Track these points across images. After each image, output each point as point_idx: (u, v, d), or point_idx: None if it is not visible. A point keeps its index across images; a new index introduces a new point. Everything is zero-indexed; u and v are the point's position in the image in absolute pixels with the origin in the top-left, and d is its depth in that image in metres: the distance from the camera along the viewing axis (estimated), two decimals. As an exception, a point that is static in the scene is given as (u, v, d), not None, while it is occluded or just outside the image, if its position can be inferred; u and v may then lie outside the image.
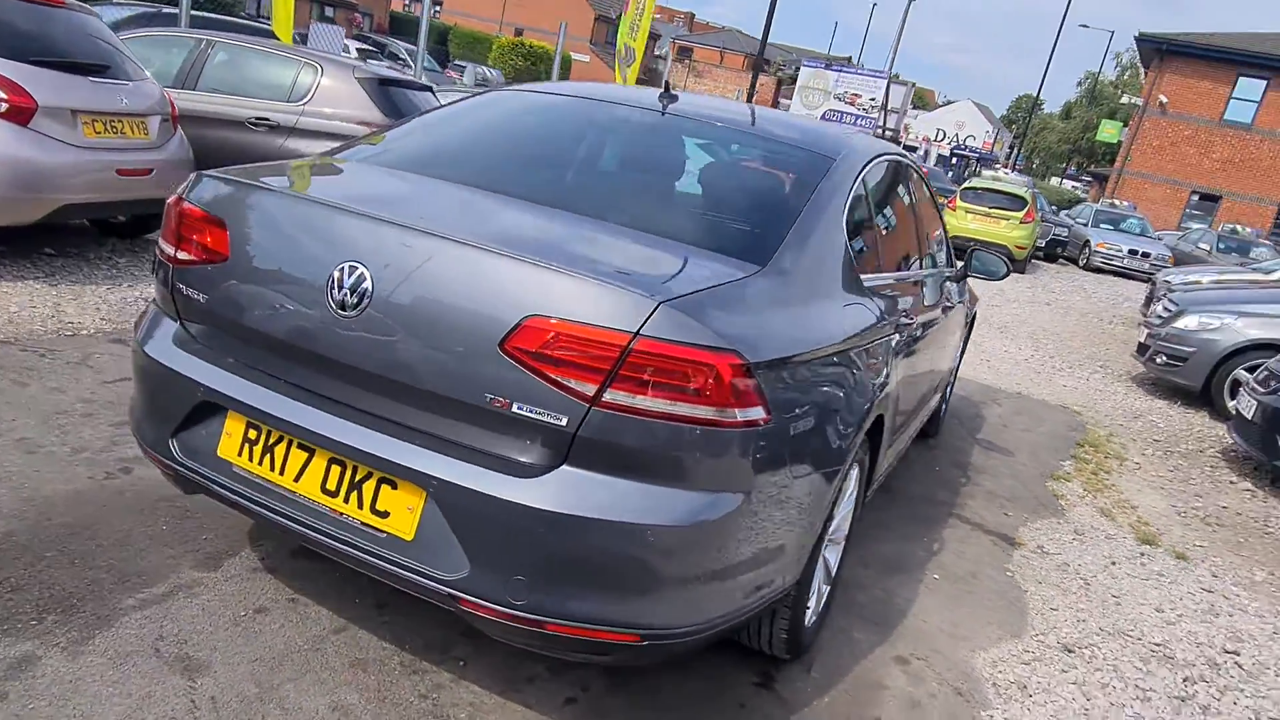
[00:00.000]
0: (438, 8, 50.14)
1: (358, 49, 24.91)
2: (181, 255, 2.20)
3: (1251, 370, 7.32)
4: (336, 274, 1.94)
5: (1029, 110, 53.23)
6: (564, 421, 1.80)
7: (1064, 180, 54.77)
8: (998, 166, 36.87)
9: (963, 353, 5.59)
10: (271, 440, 2.05)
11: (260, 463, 2.06)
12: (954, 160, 49.25)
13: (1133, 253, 19.51)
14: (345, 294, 1.93)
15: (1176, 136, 30.17)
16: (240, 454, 2.09)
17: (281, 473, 2.04)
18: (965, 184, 18.25)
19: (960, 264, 4.49)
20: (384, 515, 1.94)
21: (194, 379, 2.12)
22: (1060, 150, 58.59)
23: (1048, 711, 2.74)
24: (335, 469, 1.99)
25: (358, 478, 1.96)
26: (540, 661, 2.45)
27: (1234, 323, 7.46)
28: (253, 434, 2.08)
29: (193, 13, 9.79)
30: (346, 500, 1.97)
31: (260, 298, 2.06)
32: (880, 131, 18.57)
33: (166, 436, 2.19)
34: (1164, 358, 7.82)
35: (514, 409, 1.82)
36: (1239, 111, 29.50)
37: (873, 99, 18.65)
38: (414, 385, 1.91)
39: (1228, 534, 4.81)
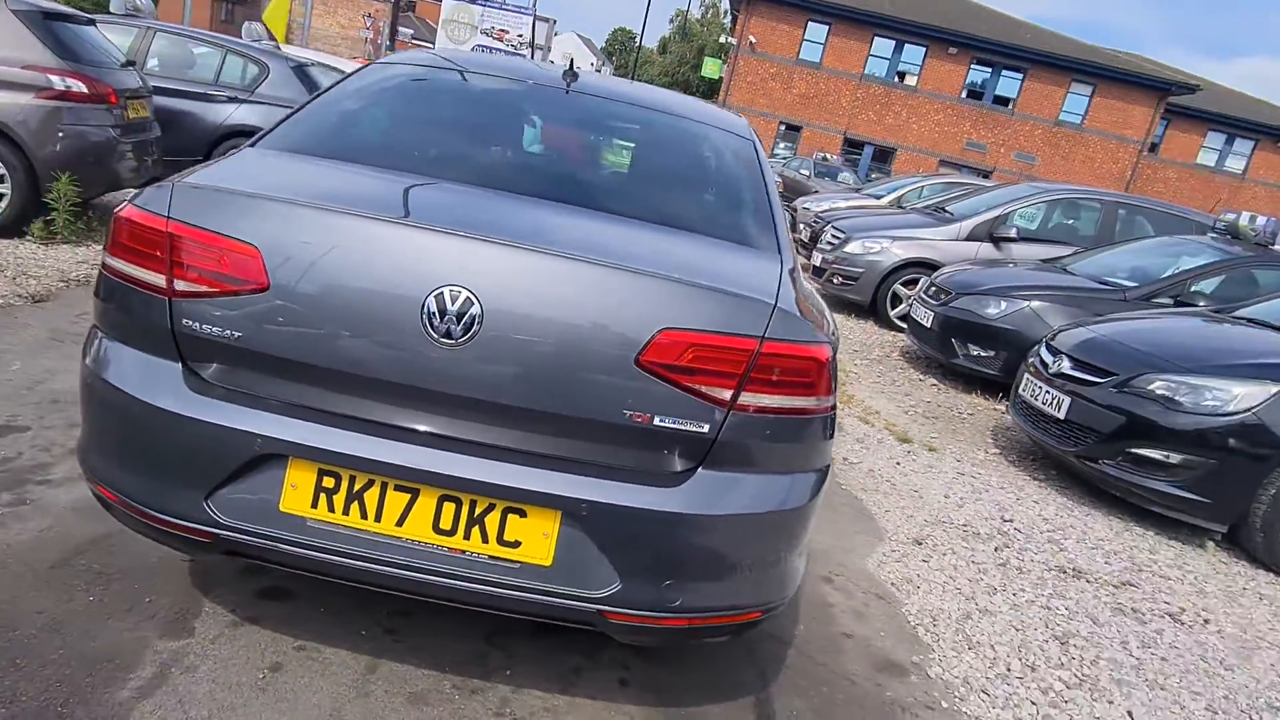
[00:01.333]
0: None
1: None
2: (184, 286, 1.86)
3: (906, 285, 8.88)
4: (433, 301, 1.80)
5: (626, 43, 56.44)
6: (705, 429, 1.89)
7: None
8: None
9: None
10: (358, 486, 1.86)
11: (346, 512, 1.86)
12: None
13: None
14: (450, 322, 1.80)
15: (765, 73, 34.06)
16: (315, 506, 1.86)
17: (378, 519, 1.86)
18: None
19: None
20: (514, 545, 1.88)
21: (244, 430, 1.83)
22: (662, 83, 63.20)
23: (937, 597, 3.36)
24: (449, 506, 1.87)
25: (478, 512, 1.87)
26: (573, 651, 2.50)
27: (890, 246, 8.94)
28: (329, 482, 1.86)
29: None
30: (467, 536, 1.87)
31: (325, 331, 1.83)
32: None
33: (200, 500, 1.87)
34: (839, 278, 9.16)
35: (655, 422, 1.87)
36: (810, 52, 33.96)
37: (520, 35, 18.75)
38: (541, 410, 1.86)
39: (944, 424, 5.96)
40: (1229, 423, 4.30)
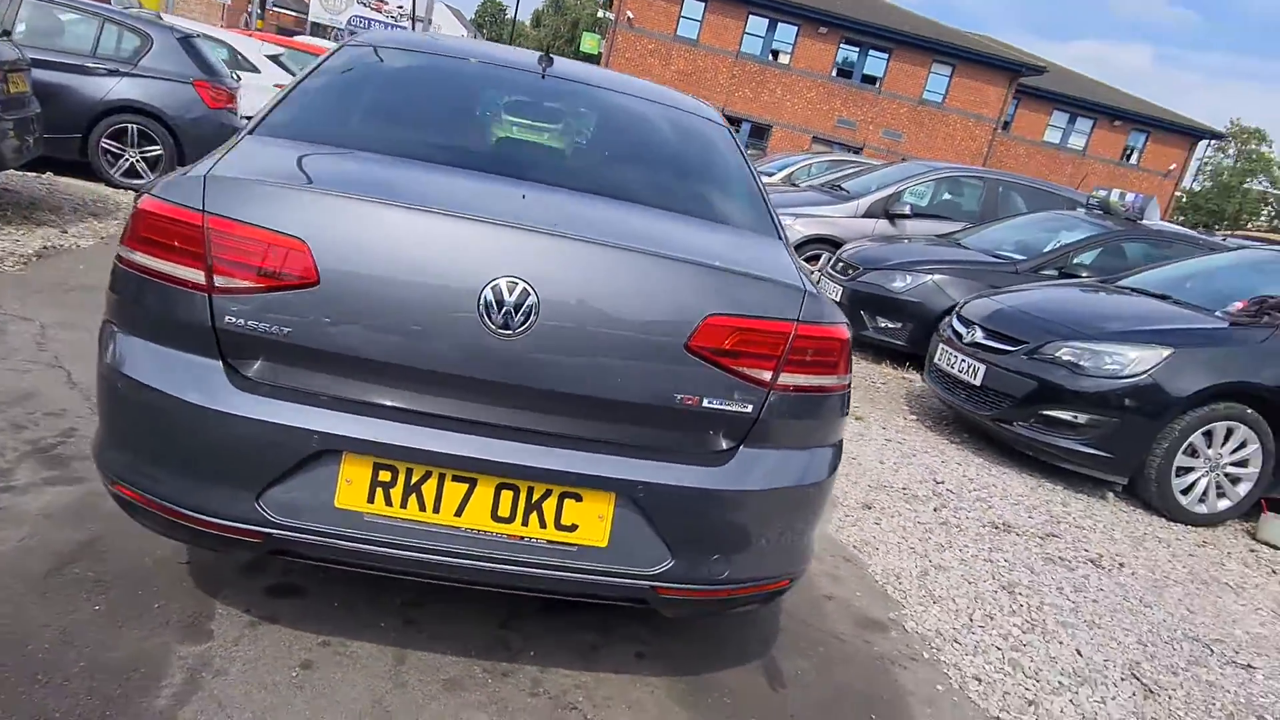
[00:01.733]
0: None
1: None
2: (225, 282, 1.81)
3: (810, 260, 9.21)
4: (490, 292, 1.83)
5: (497, 15, 55.39)
6: (749, 408, 1.99)
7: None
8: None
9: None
10: (416, 478, 1.87)
11: (404, 505, 1.87)
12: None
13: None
14: (508, 312, 1.83)
15: (644, 50, 34.19)
16: (371, 500, 1.86)
17: (437, 510, 1.88)
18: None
19: None
20: (571, 529, 1.93)
21: (299, 427, 1.80)
22: (535, 56, 62.14)
23: (895, 556, 3.59)
24: (506, 494, 1.90)
25: (535, 498, 1.91)
26: (586, 629, 2.57)
27: (794, 223, 9.24)
28: (385, 475, 1.86)
29: None
30: (525, 523, 1.91)
31: (378, 325, 1.82)
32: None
33: (251, 500, 1.83)
34: (744, 255, 9.39)
35: (703, 404, 1.95)
36: (688, 29, 34.29)
37: (400, 6, 18.11)
38: (595, 396, 1.91)
39: (862, 394, 6.26)
40: (1127, 384, 4.73)
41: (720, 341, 1.94)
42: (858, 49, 34.96)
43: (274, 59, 10.16)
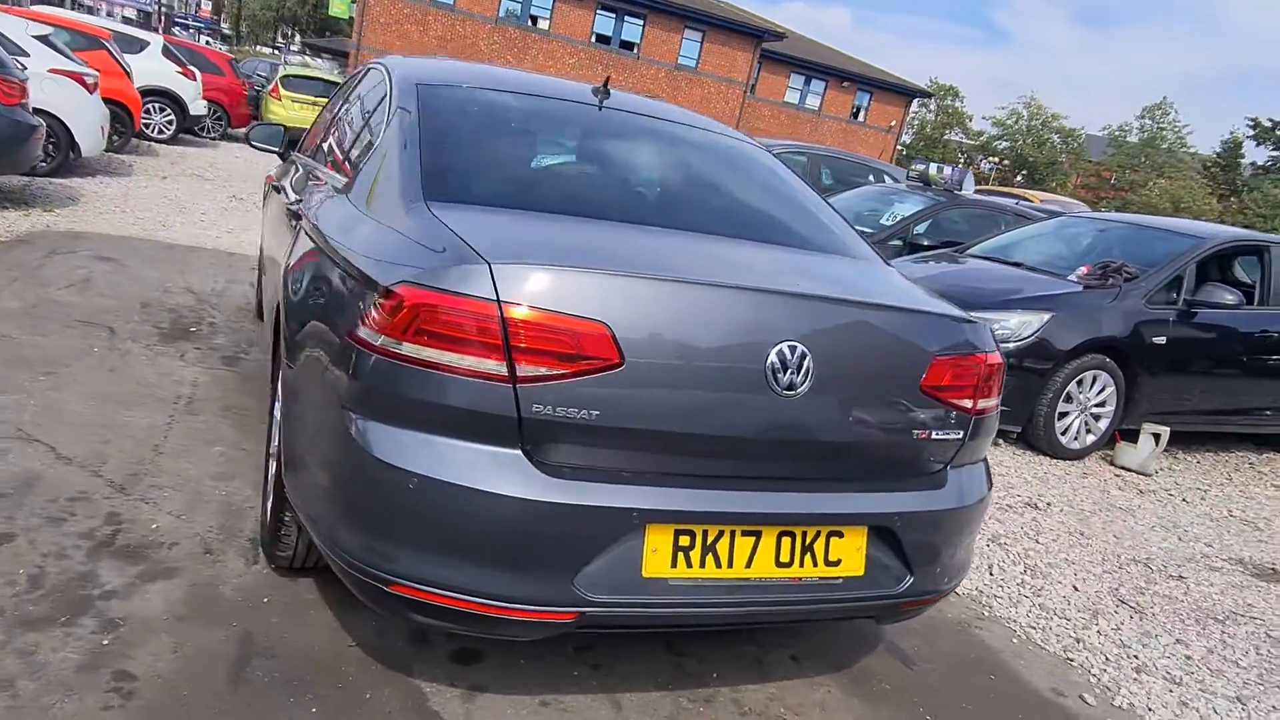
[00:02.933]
0: None
1: None
2: (530, 371, 1.79)
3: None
4: (775, 357, 1.94)
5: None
6: (960, 434, 2.24)
7: (281, 50, 54.44)
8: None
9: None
10: (711, 539, 1.95)
11: (703, 565, 1.95)
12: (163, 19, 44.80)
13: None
14: (791, 374, 1.95)
15: (399, 14, 32.74)
16: (674, 565, 1.93)
17: (730, 565, 1.98)
18: (284, 72, 17.53)
19: None
20: (836, 564, 2.10)
21: (615, 506, 1.83)
22: (268, 18, 57.72)
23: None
24: (786, 541, 2.03)
25: (809, 540, 2.06)
26: (743, 641, 2.72)
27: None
28: (684, 540, 1.93)
29: None
30: (801, 564, 2.05)
31: (678, 398, 1.88)
32: None
33: (567, 582, 1.84)
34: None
35: (932, 436, 2.18)
36: (442, -9, 33.27)
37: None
38: (854, 442, 2.08)
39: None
40: (1019, 346, 5.46)
41: (943, 379, 2.17)
42: (614, 15, 35.55)
43: (43, 39, 8.81)
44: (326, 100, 15.46)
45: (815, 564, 2.08)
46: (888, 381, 2.11)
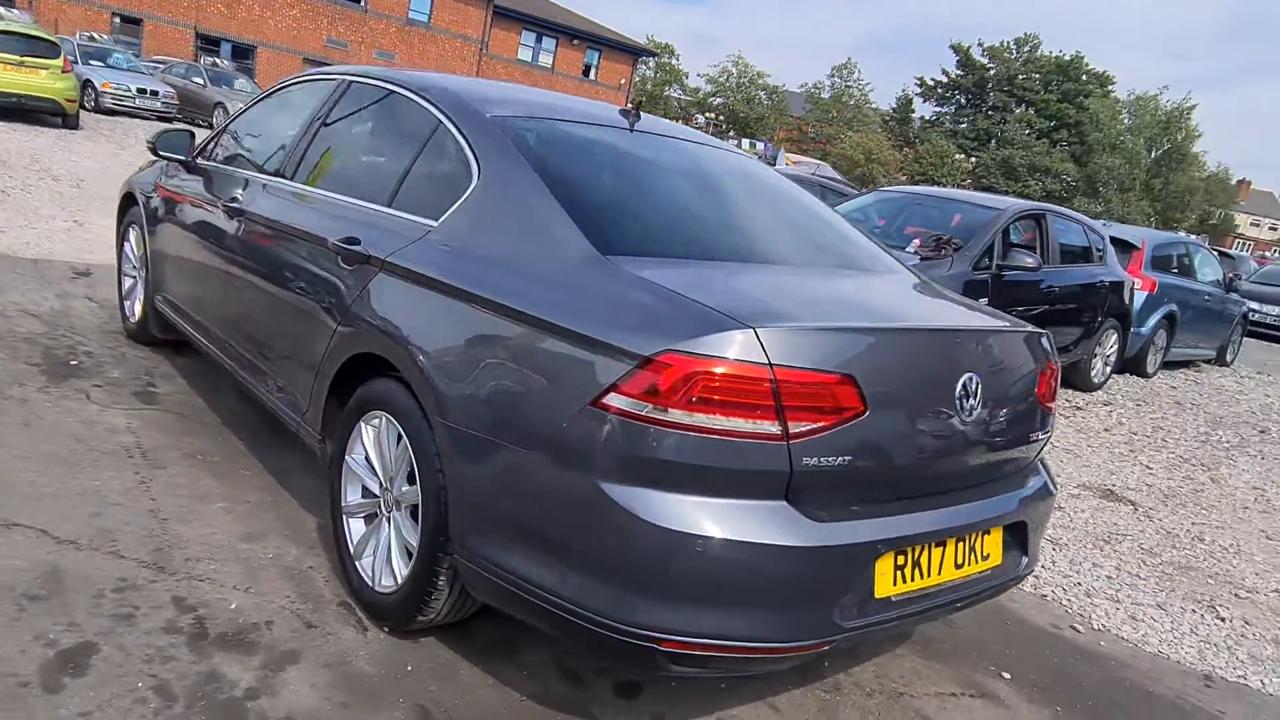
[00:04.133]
0: None
1: None
2: (799, 428, 1.90)
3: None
4: (960, 388, 2.19)
5: None
6: (1046, 434, 2.62)
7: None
8: None
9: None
10: (917, 554, 2.18)
11: (910, 580, 2.17)
12: None
13: (142, 92, 19.09)
14: (973, 402, 2.21)
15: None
16: (895, 584, 2.13)
17: (926, 575, 2.21)
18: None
19: None
20: (987, 558, 2.40)
21: (864, 541, 2.01)
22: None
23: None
24: (960, 546, 2.29)
25: (972, 543, 2.34)
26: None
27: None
28: (900, 560, 2.14)
29: None
30: (970, 564, 2.33)
31: (903, 435, 2.08)
32: None
33: (828, 617, 1.99)
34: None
35: (1039, 437, 2.54)
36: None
37: None
38: (1002, 453, 2.38)
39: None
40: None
41: (1044, 387, 2.53)
42: (331, -35, 33.31)
43: None
44: (35, 59, 13.23)
45: (976, 561, 2.38)
46: (1022, 395, 2.44)
